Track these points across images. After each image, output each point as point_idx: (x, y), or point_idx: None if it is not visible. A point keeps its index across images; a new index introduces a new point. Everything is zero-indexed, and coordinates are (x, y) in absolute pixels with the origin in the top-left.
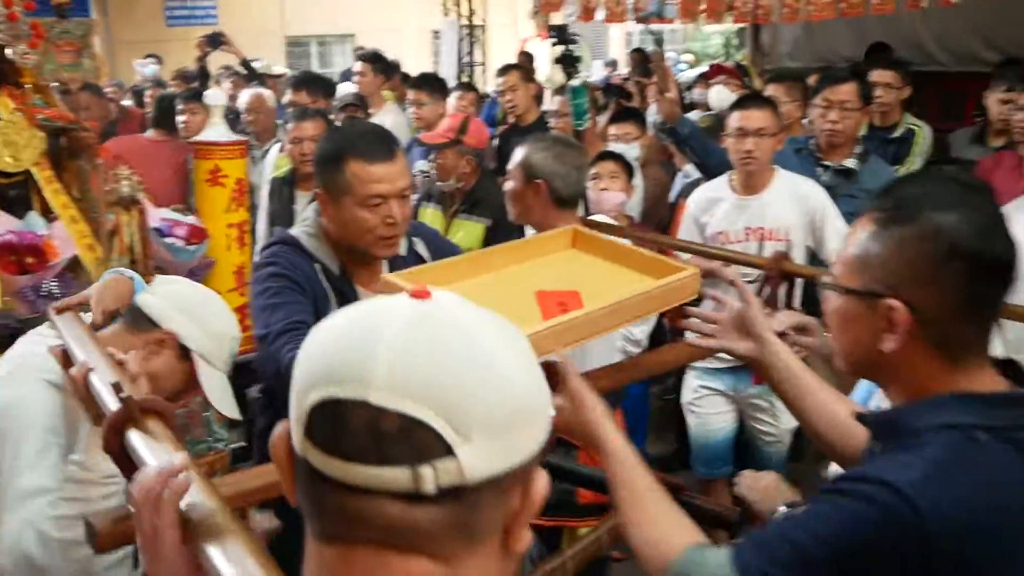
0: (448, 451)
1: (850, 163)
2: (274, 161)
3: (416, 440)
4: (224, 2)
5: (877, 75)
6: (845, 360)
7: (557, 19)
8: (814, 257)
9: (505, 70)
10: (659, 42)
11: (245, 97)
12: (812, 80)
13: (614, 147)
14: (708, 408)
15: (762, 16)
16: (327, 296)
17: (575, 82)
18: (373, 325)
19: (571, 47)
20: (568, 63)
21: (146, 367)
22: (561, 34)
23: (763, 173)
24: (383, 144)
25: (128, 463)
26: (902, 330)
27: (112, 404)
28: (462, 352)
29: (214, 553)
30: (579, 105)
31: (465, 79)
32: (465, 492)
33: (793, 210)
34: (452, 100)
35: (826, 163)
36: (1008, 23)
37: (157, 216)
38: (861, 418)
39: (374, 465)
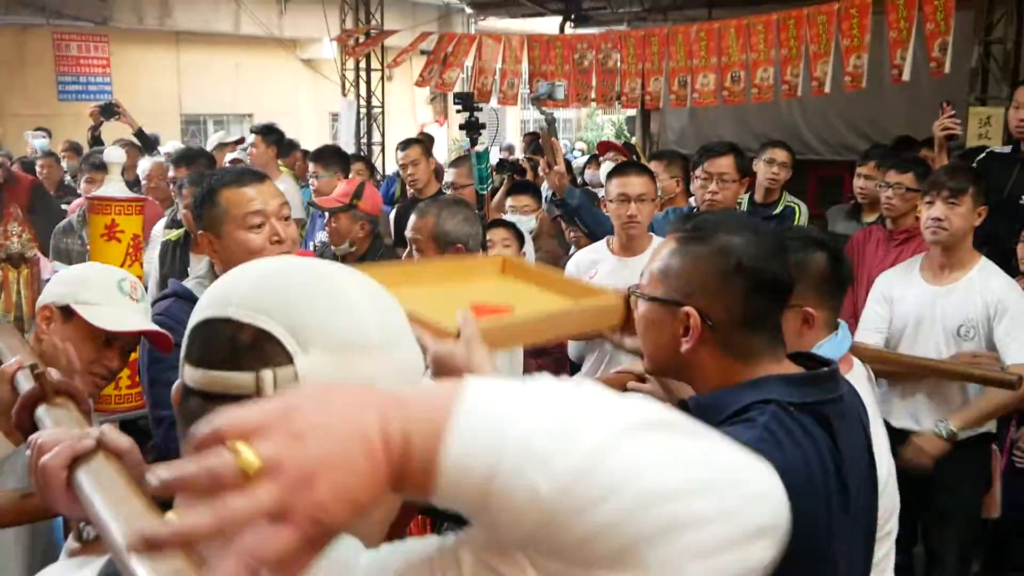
0: (289, 360)
1: None
2: (161, 233)
3: (264, 349)
4: (119, 77)
5: (774, 153)
6: (650, 360)
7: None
8: None
9: (407, 144)
10: (550, 122)
11: (146, 165)
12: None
13: (511, 219)
14: None
15: (650, 102)
16: None
17: (479, 148)
18: (247, 267)
19: (476, 114)
20: (472, 129)
21: (42, 349)
22: (466, 101)
23: (642, 237)
24: (251, 173)
25: None
26: (695, 334)
27: (26, 384)
28: (313, 283)
29: (85, 481)
30: (482, 170)
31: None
32: None
33: None
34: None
35: None
36: (875, 115)
37: (49, 268)
38: (682, 405)
39: (229, 371)
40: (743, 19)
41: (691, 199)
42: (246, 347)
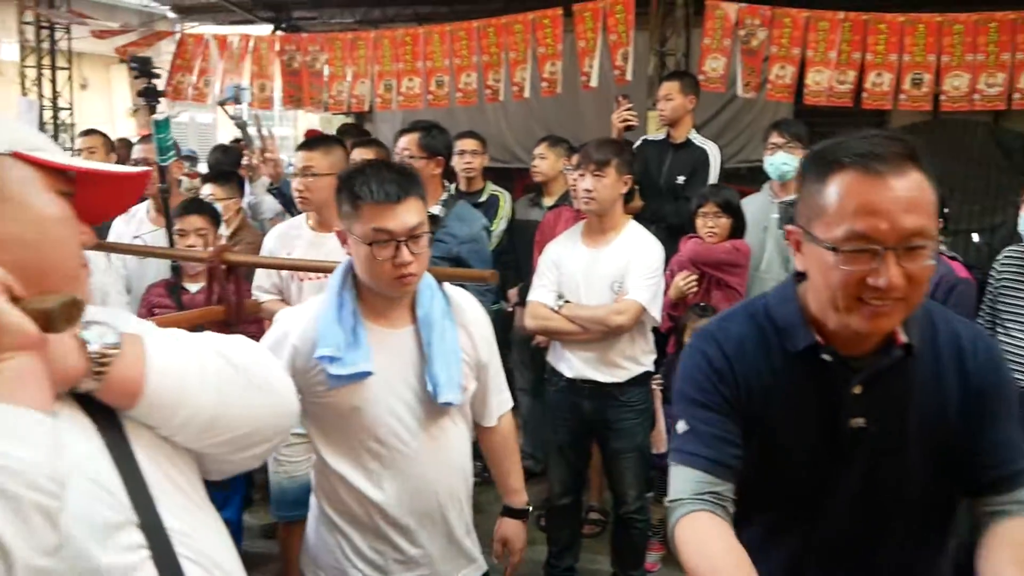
0: None
1: (435, 209)
2: None
3: None
4: None
5: (463, 143)
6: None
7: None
8: None
9: (87, 132)
10: (240, 126)
11: None
12: None
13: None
14: (293, 456)
15: (356, 105)
16: None
17: (158, 116)
18: None
19: (154, 80)
20: (151, 96)
21: None
22: (142, 66)
23: (329, 210)
24: None
25: None
26: None
27: None
28: None
29: None
30: (163, 139)
31: None
32: None
33: None
34: None
35: None
36: (570, 121)
37: None
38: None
39: None
40: (447, 25)
41: None
42: None
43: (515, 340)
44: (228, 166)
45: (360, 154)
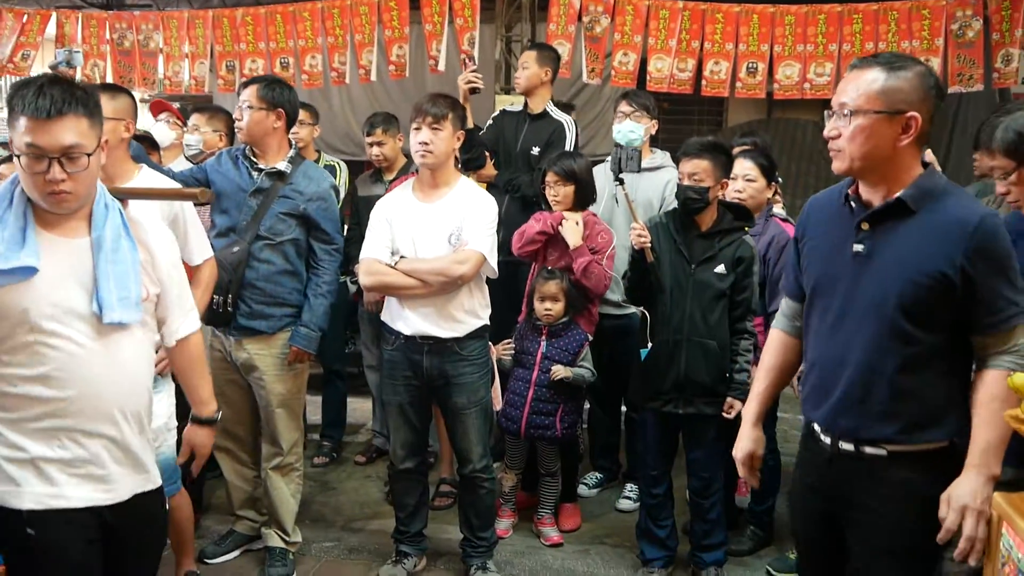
0: None
1: (281, 165)
2: None
3: None
4: None
5: (303, 115)
6: (861, 161)
7: None
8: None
9: None
10: None
11: None
12: None
13: None
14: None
15: (195, 87)
16: None
17: None
18: None
19: None
20: None
21: None
22: None
23: (123, 169)
24: None
25: None
26: (914, 133)
27: None
28: None
29: None
30: None
31: None
32: None
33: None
34: None
35: (260, 166)
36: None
37: None
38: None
39: None
40: (289, 5)
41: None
42: None
43: (363, 318)
44: None
45: (197, 119)
